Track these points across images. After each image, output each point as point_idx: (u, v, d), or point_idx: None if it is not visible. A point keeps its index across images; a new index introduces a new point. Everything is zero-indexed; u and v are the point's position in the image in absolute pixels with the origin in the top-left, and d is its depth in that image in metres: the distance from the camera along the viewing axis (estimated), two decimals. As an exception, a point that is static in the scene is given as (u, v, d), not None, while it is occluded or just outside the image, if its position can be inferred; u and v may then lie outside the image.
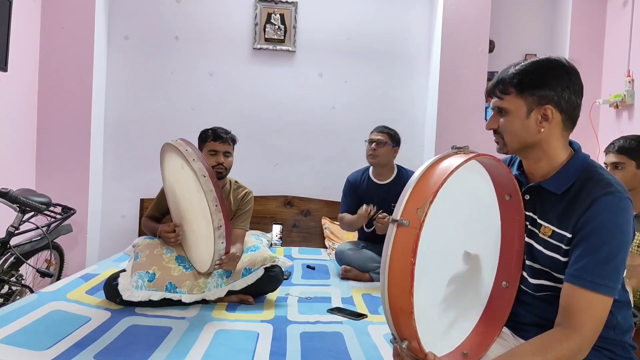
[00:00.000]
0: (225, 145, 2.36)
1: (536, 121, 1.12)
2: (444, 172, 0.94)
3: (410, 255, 0.89)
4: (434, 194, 0.91)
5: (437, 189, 0.91)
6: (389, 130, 2.91)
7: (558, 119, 1.12)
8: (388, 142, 2.86)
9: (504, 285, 1.18)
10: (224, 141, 2.36)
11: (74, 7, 3.26)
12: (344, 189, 3.05)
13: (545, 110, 1.11)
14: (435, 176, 0.95)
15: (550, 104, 1.11)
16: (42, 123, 3.27)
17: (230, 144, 2.40)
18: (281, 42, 3.70)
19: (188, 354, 1.62)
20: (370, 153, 2.88)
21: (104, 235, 3.62)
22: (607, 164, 2.13)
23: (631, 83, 3.09)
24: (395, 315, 0.95)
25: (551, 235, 1.13)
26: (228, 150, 2.38)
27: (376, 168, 2.95)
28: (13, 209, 2.34)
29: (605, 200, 1.05)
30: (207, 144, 2.36)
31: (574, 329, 1.02)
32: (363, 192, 2.95)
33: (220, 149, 2.35)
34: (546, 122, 1.12)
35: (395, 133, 2.93)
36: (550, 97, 1.11)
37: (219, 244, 1.97)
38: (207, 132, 2.38)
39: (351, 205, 2.93)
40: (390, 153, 2.88)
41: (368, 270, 2.81)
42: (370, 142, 2.89)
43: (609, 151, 2.14)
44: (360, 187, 2.98)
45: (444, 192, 0.92)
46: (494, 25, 3.67)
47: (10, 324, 1.75)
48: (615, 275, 1.04)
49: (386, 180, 2.94)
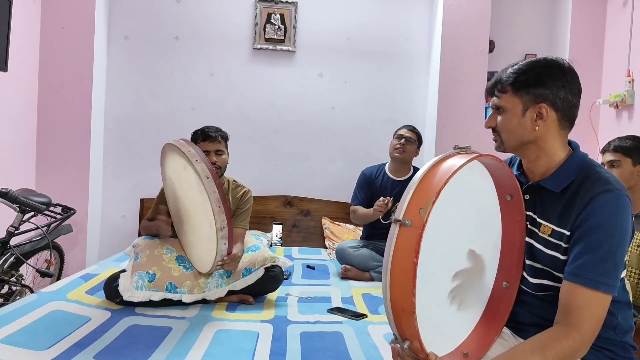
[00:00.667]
0: (215, 144, 2.32)
1: (531, 119, 1.14)
2: (447, 172, 0.94)
3: (412, 256, 0.89)
4: (436, 194, 0.91)
5: (440, 189, 0.91)
6: (417, 131, 3.05)
7: (553, 117, 1.13)
8: (416, 142, 3.00)
9: (505, 285, 1.18)
10: (213, 140, 2.31)
11: (74, 7, 3.26)
12: (359, 181, 3.10)
13: (540, 108, 1.13)
14: (437, 176, 0.95)
15: (546, 103, 1.12)
16: (42, 123, 3.27)
17: (222, 142, 2.35)
18: (281, 42, 3.70)
19: (188, 354, 1.62)
20: (398, 147, 2.96)
21: (104, 235, 3.62)
22: (604, 164, 2.15)
23: (631, 83, 3.09)
24: (397, 315, 0.94)
25: (551, 233, 1.14)
26: (219, 148, 2.33)
27: (396, 163, 3.02)
28: (13, 209, 2.34)
29: (604, 198, 1.05)
30: (198, 145, 2.30)
31: (574, 327, 1.02)
32: (378, 186, 3.01)
33: (211, 149, 2.31)
34: (541, 120, 1.13)
35: (421, 135, 3.08)
36: (546, 96, 1.12)
37: (222, 244, 1.97)
38: (197, 133, 2.35)
39: (364, 198, 3.00)
40: (414, 152, 3.02)
41: (368, 269, 2.82)
42: (400, 137, 2.97)
43: (605, 150, 2.17)
44: (376, 181, 3.04)
45: (446, 192, 0.92)
46: (494, 25, 3.67)
47: (10, 324, 1.75)
48: (614, 272, 1.04)
49: (403, 177, 3.01)
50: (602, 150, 2.21)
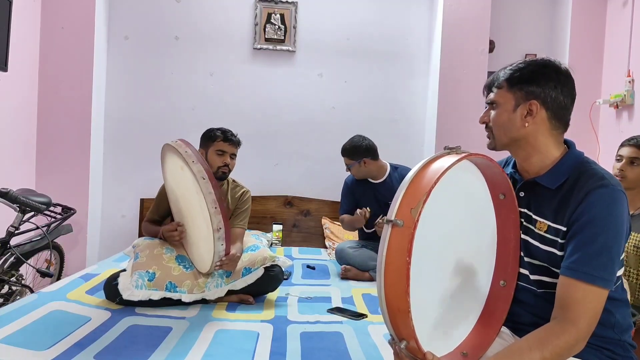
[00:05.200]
0: (232, 148, 2.41)
1: (521, 115, 1.15)
2: (437, 172, 0.95)
3: (405, 255, 0.89)
4: (427, 193, 0.91)
5: (430, 188, 0.92)
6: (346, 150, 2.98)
7: (543, 115, 1.14)
8: (352, 163, 2.96)
9: (502, 284, 1.19)
10: (232, 143, 2.40)
11: (74, 7, 3.27)
12: (342, 191, 3.17)
13: (531, 105, 1.14)
14: (427, 176, 0.96)
15: (537, 100, 1.14)
16: (42, 123, 3.27)
17: (237, 147, 2.44)
18: (281, 42, 3.70)
19: (188, 354, 1.62)
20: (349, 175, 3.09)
21: (104, 235, 3.62)
22: (623, 157, 2.08)
23: (631, 83, 3.09)
24: (392, 315, 0.95)
25: (547, 230, 1.14)
26: (234, 152, 2.43)
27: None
28: (13, 209, 2.35)
29: (599, 193, 1.06)
30: (216, 144, 2.37)
31: (570, 322, 1.02)
32: (361, 192, 3.06)
33: (228, 150, 2.39)
34: (530, 117, 1.14)
35: (353, 147, 2.96)
36: (537, 94, 1.14)
37: (219, 245, 1.97)
38: (217, 132, 2.40)
39: (349, 205, 3.07)
40: (362, 168, 2.97)
41: (368, 269, 2.83)
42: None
43: (628, 144, 2.09)
44: (357, 188, 3.09)
45: (437, 192, 0.93)
46: (494, 25, 3.67)
47: (10, 324, 1.75)
48: (610, 266, 1.04)
49: (380, 179, 3.05)
50: (622, 143, 2.12)
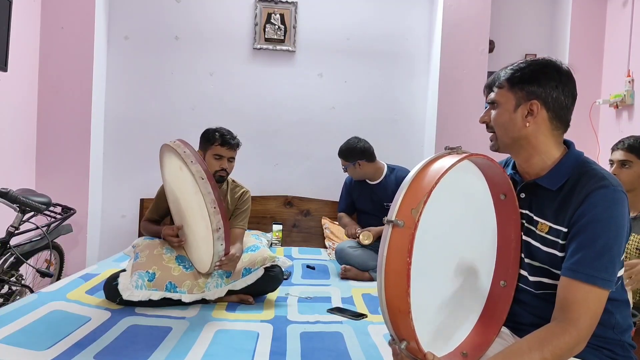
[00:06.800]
0: (230, 151, 2.36)
1: (522, 115, 1.15)
2: (437, 172, 0.95)
3: (405, 256, 0.89)
4: (427, 194, 0.91)
5: (431, 189, 0.92)
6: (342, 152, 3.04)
7: (544, 115, 1.14)
8: (348, 164, 3.03)
9: (502, 284, 1.19)
10: (230, 147, 2.35)
11: (74, 7, 3.26)
12: (342, 189, 3.29)
13: (532, 105, 1.14)
14: (428, 177, 0.96)
15: (538, 100, 1.14)
16: (42, 123, 3.27)
17: (235, 150, 2.39)
18: (281, 42, 3.70)
19: (188, 354, 1.63)
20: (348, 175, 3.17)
21: (104, 235, 3.62)
22: (614, 161, 2.09)
23: (631, 83, 3.09)
24: (393, 315, 0.95)
25: (548, 231, 1.14)
26: (233, 156, 2.39)
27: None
28: (13, 209, 2.34)
29: (600, 194, 1.06)
30: (213, 147, 2.33)
31: (571, 323, 1.02)
32: (358, 192, 3.16)
33: (225, 155, 2.34)
34: (531, 117, 1.14)
35: (348, 149, 3.02)
36: (538, 94, 1.14)
37: (218, 245, 1.97)
38: (215, 134, 2.34)
39: (347, 204, 3.24)
40: (357, 170, 3.04)
41: (368, 268, 2.83)
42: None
43: (617, 148, 2.10)
44: (355, 188, 3.18)
45: (438, 192, 0.93)
46: (494, 25, 3.67)
47: (10, 324, 1.75)
48: (611, 267, 1.04)
49: (377, 180, 3.10)
50: (613, 147, 2.13)
